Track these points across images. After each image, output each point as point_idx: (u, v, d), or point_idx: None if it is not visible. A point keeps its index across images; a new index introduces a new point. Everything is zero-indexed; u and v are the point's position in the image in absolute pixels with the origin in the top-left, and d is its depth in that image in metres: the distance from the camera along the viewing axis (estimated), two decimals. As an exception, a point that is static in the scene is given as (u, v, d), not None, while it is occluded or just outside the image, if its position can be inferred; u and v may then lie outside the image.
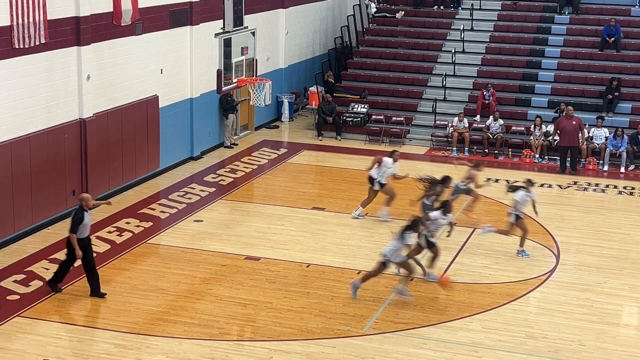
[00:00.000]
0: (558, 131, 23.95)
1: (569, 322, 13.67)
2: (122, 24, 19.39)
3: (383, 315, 13.79)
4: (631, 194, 21.51)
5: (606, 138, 24.47)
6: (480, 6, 30.85)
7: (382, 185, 18.70)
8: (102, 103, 19.12)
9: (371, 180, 18.73)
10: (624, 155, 23.90)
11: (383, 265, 14.18)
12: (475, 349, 12.71)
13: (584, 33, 29.16)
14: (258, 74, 20.23)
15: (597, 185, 22.10)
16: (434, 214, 15.27)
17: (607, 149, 24.14)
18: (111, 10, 19.01)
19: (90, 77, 18.37)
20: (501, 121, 25.36)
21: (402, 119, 26.68)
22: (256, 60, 20.04)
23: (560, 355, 12.53)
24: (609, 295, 14.87)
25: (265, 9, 26.82)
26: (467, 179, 18.60)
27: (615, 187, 22.00)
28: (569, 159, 23.51)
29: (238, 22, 19.27)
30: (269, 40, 27.20)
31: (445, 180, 17.25)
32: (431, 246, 15.17)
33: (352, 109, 26.94)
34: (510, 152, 24.98)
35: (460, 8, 30.98)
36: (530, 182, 16.99)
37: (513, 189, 17.01)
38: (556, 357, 12.49)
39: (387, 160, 18.70)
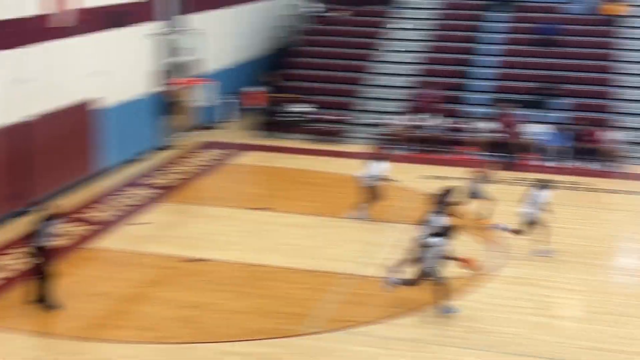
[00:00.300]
0: (499, 127, 24.29)
1: (512, 317, 13.86)
2: (58, 26, 19.09)
3: (326, 314, 13.82)
4: (575, 189, 21.88)
5: (546, 134, 24.87)
6: (418, 5, 31.19)
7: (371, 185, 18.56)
8: (36, 106, 18.81)
9: (363, 180, 18.63)
10: (564, 150, 24.32)
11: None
12: (418, 344, 12.81)
13: (521, 31, 29.60)
14: (200, 75, 20.15)
15: (536, 180, 22.40)
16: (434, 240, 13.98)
17: (548, 145, 24.55)
18: (42, 13, 18.69)
19: (20, 81, 17.95)
20: (443, 118, 25.62)
21: (344, 117, 26.81)
22: (197, 61, 19.94)
23: (502, 349, 12.70)
24: (552, 289, 15.11)
25: (207, 8, 26.69)
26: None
27: (560, 182, 22.33)
28: (511, 155, 23.87)
29: (177, 22, 19.13)
30: (212, 40, 27.08)
31: (449, 192, 16.39)
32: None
33: (294, 108, 26.96)
34: (452, 149, 25.23)
35: (396, 7, 31.20)
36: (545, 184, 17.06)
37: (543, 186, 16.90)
38: (499, 351, 12.65)
39: (374, 162, 18.71)
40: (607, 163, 24.24)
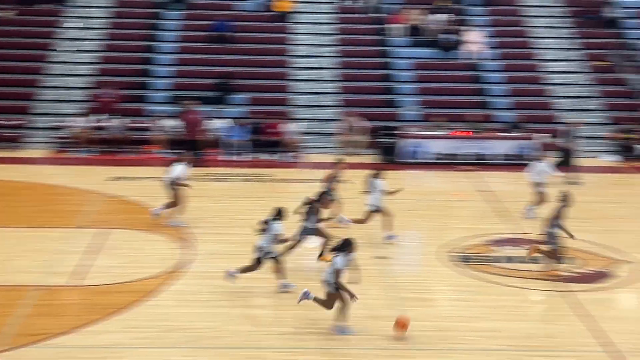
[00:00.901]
0: (182, 125, 24.47)
1: (205, 310, 14.00)
2: None
3: (13, 329, 13.14)
4: (253, 180, 22.55)
5: (227, 129, 25.45)
6: (89, 3, 30.53)
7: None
8: None
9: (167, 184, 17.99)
10: (244, 144, 25.03)
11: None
12: (115, 350, 12.58)
13: (195, 28, 29.98)
14: None
15: (223, 174, 22.89)
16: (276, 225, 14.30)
17: (229, 139, 25.13)
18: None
19: None
20: (122, 118, 25.31)
21: (21, 122, 25.62)
22: None
23: (199, 344, 12.81)
24: (244, 279, 15.47)
25: None
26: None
27: (239, 175, 22.95)
28: (195, 151, 24.15)
29: None
30: None
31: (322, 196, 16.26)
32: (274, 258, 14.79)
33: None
34: (136, 149, 25.04)
35: (68, 5, 30.33)
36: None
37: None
38: (195, 346, 12.76)
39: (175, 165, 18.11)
40: (286, 154, 25.31)
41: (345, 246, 12.88)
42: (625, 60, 28.59)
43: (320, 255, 16.03)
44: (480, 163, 24.70)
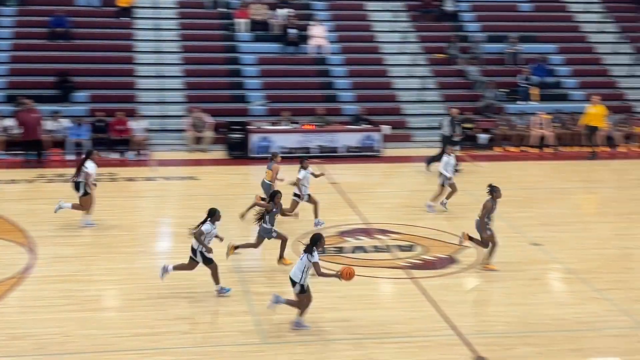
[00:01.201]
0: (19, 125, 23.56)
1: (52, 316, 13.54)
2: None
3: None
4: (102, 180, 21.98)
5: (69, 128, 24.70)
6: None
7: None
8: None
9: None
10: (87, 143, 24.37)
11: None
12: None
13: (31, 24, 28.93)
14: None
15: (62, 175, 22.16)
16: (206, 226, 13.79)
17: (69, 139, 24.40)
18: None
19: None
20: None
21: None
22: None
23: (47, 351, 12.38)
24: (88, 282, 15.06)
25: None
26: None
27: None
28: (36, 152, 23.35)
29: None
30: None
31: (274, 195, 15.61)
32: (209, 262, 14.11)
33: None
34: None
35: None
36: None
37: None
38: (43, 353, 12.32)
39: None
40: (133, 152, 24.81)
41: (315, 242, 12.83)
42: (463, 53, 29.58)
43: (281, 258, 15.81)
44: (327, 156, 25.00)
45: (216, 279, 14.26)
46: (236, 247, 15.59)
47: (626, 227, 18.79)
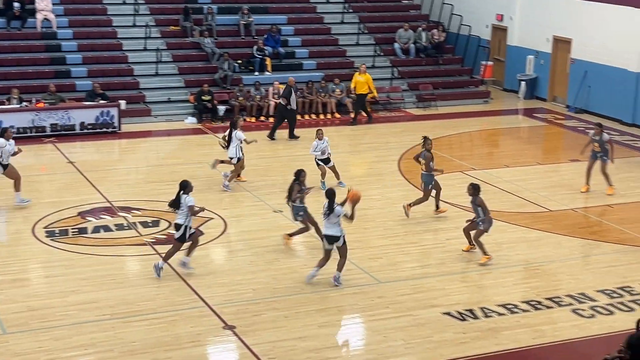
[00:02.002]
0: None
1: None
2: None
3: None
4: None
5: None
6: None
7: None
8: None
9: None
10: None
11: None
12: None
13: None
14: None
15: None
16: None
17: None
18: None
19: None
20: None
21: None
22: None
23: None
24: None
25: None
26: None
27: None
28: None
29: None
30: None
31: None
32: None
33: None
34: None
35: None
36: None
37: None
38: None
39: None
40: None
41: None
42: (196, 25, 29.49)
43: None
44: (63, 134, 24.10)
45: None
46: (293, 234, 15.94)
47: (360, 189, 19.67)
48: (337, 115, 27.44)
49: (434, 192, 17.69)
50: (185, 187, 14.40)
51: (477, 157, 22.90)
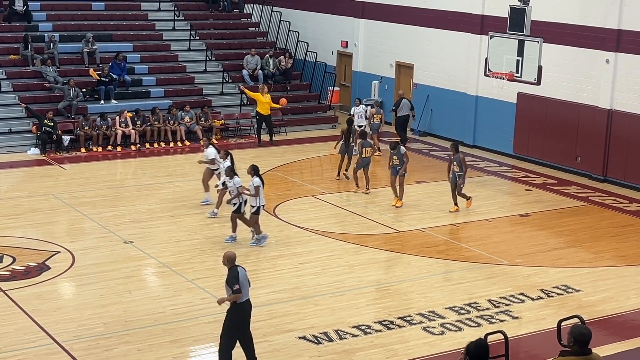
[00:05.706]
0: None
1: None
2: None
3: None
4: None
5: None
6: None
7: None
8: None
9: None
10: None
11: None
12: None
13: None
14: None
15: None
16: None
17: None
18: None
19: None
20: None
21: None
22: None
23: None
24: None
25: None
26: None
27: None
28: None
29: None
30: None
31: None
32: None
33: None
34: None
35: None
36: None
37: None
38: None
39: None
40: None
41: None
42: (38, 53, 28.63)
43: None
44: None
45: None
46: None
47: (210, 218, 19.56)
48: (187, 143, 27.20)
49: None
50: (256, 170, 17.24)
51: (328, 181, 23.20)
